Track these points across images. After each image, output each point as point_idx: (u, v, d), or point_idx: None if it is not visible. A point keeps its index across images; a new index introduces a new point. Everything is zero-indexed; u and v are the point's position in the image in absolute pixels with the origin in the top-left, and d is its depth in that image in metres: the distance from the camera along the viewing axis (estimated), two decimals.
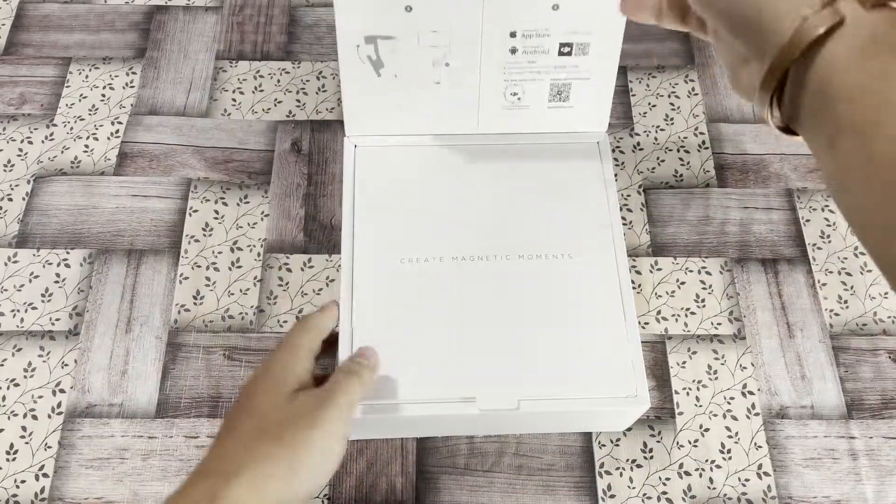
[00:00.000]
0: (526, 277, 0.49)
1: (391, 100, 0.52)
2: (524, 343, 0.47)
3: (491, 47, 0.49)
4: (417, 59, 0.50)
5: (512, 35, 0.49)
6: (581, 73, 0.52)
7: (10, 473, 0.51)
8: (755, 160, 0.65)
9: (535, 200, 0.52)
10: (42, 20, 0.71)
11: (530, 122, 0.53)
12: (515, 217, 0.51)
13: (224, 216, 0.61)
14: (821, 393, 0.55)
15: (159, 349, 0.55)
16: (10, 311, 0.56)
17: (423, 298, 0.48)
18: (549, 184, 0.53)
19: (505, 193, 0.52)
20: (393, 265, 0.49)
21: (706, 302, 0.58)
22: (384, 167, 0.53)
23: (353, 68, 0.50)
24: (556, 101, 0.53)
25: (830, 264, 0.60)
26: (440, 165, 0.53)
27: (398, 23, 0.48)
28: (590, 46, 0.50)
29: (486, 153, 0.54)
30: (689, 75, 0.69)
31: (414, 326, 0.47)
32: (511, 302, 0.48)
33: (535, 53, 0.50)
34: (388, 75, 0.50)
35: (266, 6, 0.72)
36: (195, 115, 0.66)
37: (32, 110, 0.66)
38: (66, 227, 0.60)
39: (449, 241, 0.50)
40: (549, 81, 0.52)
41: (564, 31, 0.49)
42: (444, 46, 0.49)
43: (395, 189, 0.52)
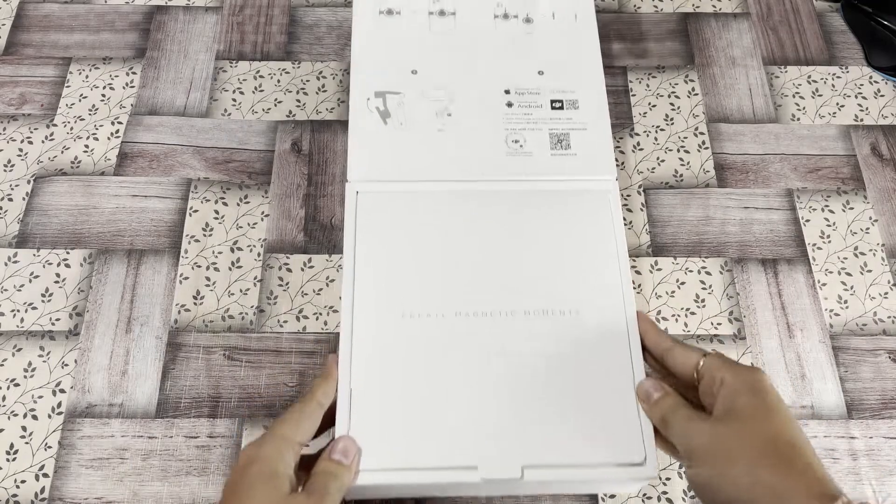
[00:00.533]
0: (531, 335, 0.47)
1: (395, 146, 0.53)
2: (529, 405, 0.45)
3: (489, 101, 0.54)
4: (422, 111, 0.54)
5: (506, 92, 0.54)
6: (576, 124, 0.54)
7: (11, 473, 0.51)
8: (755, 160, 0.65)
9: (542, 251, 0.50)
10: (42, 20, 0.71)
11: (535, 168, 0.53)
12: (521, 269, 0.50)
13: (224, 216, 0.61)
14: (821, 393, 0.55)
15: (159, 349, 0.55)
16: (11, 311, 0.56)
17: (425, 357, 0.47)
18: (556, 234, 0.51)
19: (510, 244, 0.51)
20: (394, 320, 0.48)
21: (706, 302, 0.58)
22: (386, 215, 0.51)
23: (362, 117, 0.53)
24: (558, 148, 0.53)
25: (830, 264, 0.60)
26: (444, 214, 0.52)
27: (405, 82, 0.55)
28: (579, 102, 0.54)
29: (491, 201, 0.52)
30: (689, 75, 0.69)
31: (414, 387, 0.46)
32: (515, 361, 0.47)
33: (530, 108, 0.54)
34: (394, 124, 0.53)
35: (266, 6, 0.72)
36: (195, 115, 0.66)
37: (32, 110, 0.66)
38: (66, 227, 0.60)
39: (452, 295, 0.49)
40: (547, 131, 0.54)
41: (552, 90, 0.55)
42: (445, 100, 0.54)
43: (396, 238, 0.51)
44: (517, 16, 0.57)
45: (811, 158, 0.65)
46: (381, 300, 0.48)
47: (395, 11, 0.57)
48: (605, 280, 0.49)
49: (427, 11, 0.57)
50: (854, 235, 0.61)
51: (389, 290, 0.49)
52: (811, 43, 0.71)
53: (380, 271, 0.49)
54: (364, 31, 0.56)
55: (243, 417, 0.53)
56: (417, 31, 0.56)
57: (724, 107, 0.67)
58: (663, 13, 0.73)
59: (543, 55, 0.56)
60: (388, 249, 0.50)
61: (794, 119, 0.67)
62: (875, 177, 0.64)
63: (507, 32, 0.57)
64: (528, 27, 0.57)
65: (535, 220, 0.52)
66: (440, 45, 0.56)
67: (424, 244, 0.51)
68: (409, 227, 0.51)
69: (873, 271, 0.60)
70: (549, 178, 0.53)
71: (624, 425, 0.44)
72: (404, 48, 0.56)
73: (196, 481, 0.51)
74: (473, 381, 0.46)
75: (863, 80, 0.69)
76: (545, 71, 0.55)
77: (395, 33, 0.56)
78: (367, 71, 0.55)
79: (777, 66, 0.70)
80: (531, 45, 0.56)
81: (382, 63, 0.55)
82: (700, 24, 0.72)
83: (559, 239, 0.51)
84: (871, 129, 0.66)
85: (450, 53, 0.56)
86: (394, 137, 0.53)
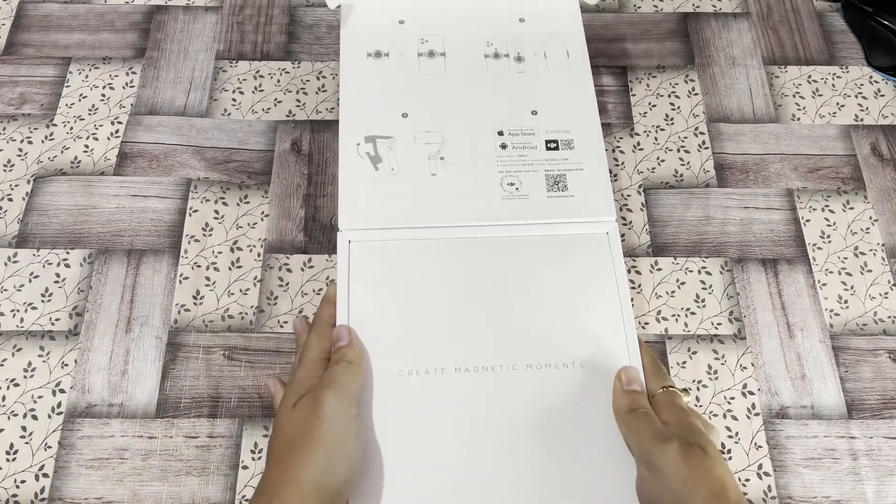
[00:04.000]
0: (533, 389, 0.46)
1: (388, 192, 0.51)
2: (532, 464, 0.44)
3: (482, 143, 0.53)
4: (413, 155, 0.52)
5: (500, 133, 0.53)
6: (572, 164, 0.53)
7: (10, 473, 0.51)
8: (755, 160, 0.65)
9: (542, 300, 0.49)
10: (42, 20, 0.71)
11: (532, 211, 0.51)
12: (521, 320, 0.48)
13: (224, 216, 0.61)
14: (821, 393, 0.55)
15: (159, 349, 0.55)
16: (10, 310, 0.56)
17: (424, 417, 0.45)
18: (556, 281, 0.49)
19: (510, 293, 0.49)
20: (391, 379, 0.46)
21: (706, 302, 0.58)
22: (380, 265, 0.49)
23: (352, 163, 0.52)
24: (555, 190, 0.52)
25: (830, 264, 0.60)
26: (439, 263, 0.50)
27: (395, 126, 0.53)
28: (574, 142, 0.53)
29: (487, 246, 0.51)
30: (689, 75, 0.69)
31: (416, 448, 0.45)
32: (517, 417, 0.45)
33: (525, 149, 0.53)
34: (386, 169, 0.52)
35: (266, 6, 0.72)
36: (195, 115, 0.66)
37: (32, 110, 0.66)
38: (66, 227, 0.60)
39: (451, 350, 0.47)
40: (543, 173, 0.52)
41: (546, 130, 0.53)
42: (438, 143, 0.53)
43: (391, 289, 0.49)
44: (508, 55, 0.56)
45: (811, 158, 0.65)
46: (379, 358, 0.46)
47: (383, 54, 0.56)
48: (607, 329, 0.48)
49: (416, 53, 0.56)
50: (854, 235, 0.61)
51: (386, 347, 0.47)
52: (811, 43, 0.71)
53: (375, 326, 0.47)
54: (352, 74, 0.55)
55: (243, 417, 0.53)
56: (407, 73, 0.55)
57: (725, 107, 0.67)
58: (663, 13, 0.73)
59: (536, 94, 0.55)
60: (384, 302, 0.48)
61: (795, 119, 0.67)
62: (875, 177, 0.64)
63: (499, 72, 0.55)
64: (519, 66, 0.56)
65: (534, 266, 0.50)
66: (431, 87, 0.55)
67: (421, 296, 0.49)
68: (405, 278, 0.49)
69: (873, 271, 0.60)
70: (546, 222, 0.51)
71: (628, 485, 0.43)
72: (394, 91, 0.54)
73: (196, 481, 0.51)
74: (474, 441, 0.45)
75: (863, 79, 0.69)
76: (538, 110, 0.54)
77: (384, 76, 0.55)
78: (357, 115, 0.53)
79: (777, 66, 0.70)
80: (523, 85, 0.55)
81: (372, 107, 0.54)
82: (700, 23, 0.72)
83: (560, 286, 0.49)
84: (872, 128, 0.66)
85: (441, 95, 0.54)
86: (386, 184, 0.51)
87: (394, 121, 0.53)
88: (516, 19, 0.58)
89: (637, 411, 0.43)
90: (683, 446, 0.40)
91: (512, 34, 0.57)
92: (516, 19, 0.58)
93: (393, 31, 0.57)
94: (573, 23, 0.58)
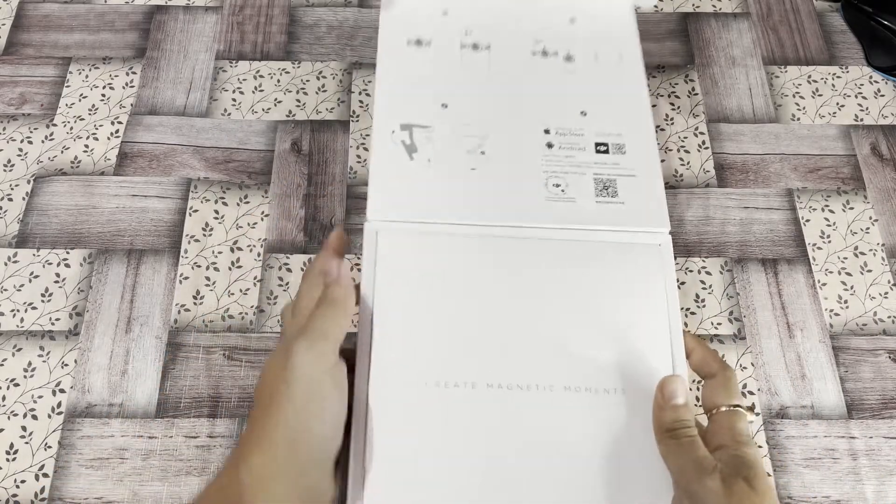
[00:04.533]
0: (571, 415, 0.42)
1: (422, 183, 0.48)
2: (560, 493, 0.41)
3: (527, 141, 0.50)
4: (452, 147, 0.49)
5: (546, 132, 0.50)
6: (623, 169, 0.49)
7: (10, 473, 0.51)
8: (755, 160, 0.65)
9: (585, 315, 0.45)
10: (42, 20, 0.71)
11: (578, 216, 0.47)
12: (561, 335, 0.44)
13: (224, 216, 0.61)
14: (821, 393, 0.55)
15: (159, 349, 0.55)
16: (10, 310, 0.56)
17: (452, 436, 0.41)
18: (601, 294, 0.45)
19: (550, 304, 0.45)
20: (417, 390, 0.42)
21: (706, 302, 0.58)
22: (409, 263, 0.45)
23: (385, 150, 0.49)
24: (604, 195, 0.48)
25: (830, 264, 0.60)
26: (476, 264, 0.46)
27: (434, 116, 0.50)
28: (626, 146, 0.49)
29: (529, 251, 0.46)
30: (690, 75, 0.69)
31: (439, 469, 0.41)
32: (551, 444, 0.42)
33: (573, 150, 0.49)
34: (422, 160, 0.49)
35: (266, 6, 0.72)
36: (195, 115, 0.66)
37: (32, 110, 0.66)
38: (66, 227, 0.60)
39: (484, 363, 0.43)
40: (591, 176, 0.48)
41: (596, 132, 0.50)
42: (479, 137, 0.49)
43: (421, 291, 0.44)
44: (557, 53, 0.53)
45: (811, 158, 0.65)
46: (403, 367, 0.43)
47: (424, 42, 0.53)
48: (654, 353, 0.44)
49: (459, 44, 0.53)
50: (854, 235, 0.61)
51: (412, 354, 0.43)
52: (811, 43, 0.71)
53: (401, 331, 0.43)
54: (390, 59, 0.52)
55: (243, 417, 0.53)
56: (449, 64, 0.52)
57: (724, 107, 0.67)
58: (663, 13, 0.73)
59: (586, 95, 0.51)
60: (412, 304, 0.44)
61: (794, 119, 0.67)
62: (875, 177, 0.64)
63: (546, 70, 0.52)
64: (568, 66, 0.52)
65: (578, 276, 0.46)
66: (473, 78, 0.52)
67: (453, 299, 0.45)
68: (436, 279, 0.45)
69: (873, 271, 0.60)
70: (594, 228, 0.47)
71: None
72: (434, 80, 0.51)
73: (196, 481, 0.51)
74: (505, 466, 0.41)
75: (863, 79, 0.69)
76: (588, 112, 0.50)
77: (424, 65, 0.52)
78: (393, 100, 0.50)
79: (777, 66, 0.70)
80: (572, 85, 0.52)
81: (410, 94, 0.51)
82: (700, 23, 0.72)
83: (605, 300, 0.45)
84: (871, 128, 0.66)
85: (484, 87, 0.51)
86: (421, 174, 0.48)
87: (433, 110, 0.50)
88: (567, 18, 0.55)
89: (678, 432, 0.40)
90: (727, 479, 0.37)
91: (562, 33, 0.54)
92: (567, 18, 0.55)
93: (436, 21, 0.54)
94: (627, 25, 0.55)
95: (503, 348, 0.44)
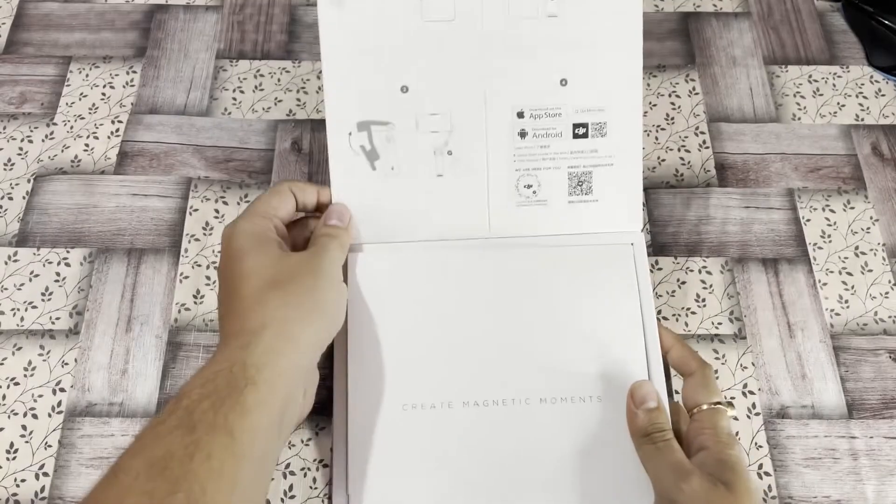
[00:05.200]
0: (548, 427, 0.42)
1: (388, 199, 0.45)
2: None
3: (498, 130, 0.45)
4: (416, 148, 0.45)
5: (519, 115, 0.45)
6: (601, 158, 0.46)
7: (10, 472, 0.51)
8: (756, 160, 0.65)
9: (558, 324, 0.44)
10: (42, 19, 0.70)
11: (549, 220, 0.46)
12: (535, 349, 0.44)
13: (224, 215, 0.61)
14: (821, 393, 0.55)
15: (159, 348, 0.55)
16: (11, 309, 0.56)
17: (430, 457, 0.41)
18: (573, 302, 0.45)
19: (523, 316, 0.44)
20: (394, 414, 0.42)
21: (707, 301, 0.58)
22: (380, 285, 0.45)
23: (345, 160, 0.45)
24: (578, 193, 0.46)
25: (831, 264, 0.60)
26: (446, 282, 0.45)
27: (394, 105, 0.44)
28: (607, 126, 0.45)
29: (499, 264, 0.45)
30: (690, 75, 0.69)
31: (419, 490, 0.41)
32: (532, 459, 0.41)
33: (548, 137, 0.45)
34: (385, 167, 0.45)
35: (266, 5, 0.72)
36: (195, 114, 0.66)
37: (32, 109, 0.66)
38: (66, 226, 0.60)
39: (459, 382, 0.43)
40: (566, 169, 0.45)
41: (576, 108, 0.45)
42: (445, 131, 0.45)
43: (393, 313, 0.44)
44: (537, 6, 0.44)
45: (812, 158, 0.65)
46: (379, 390, 0.42)
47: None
48: (629, 357, 0.44)
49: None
50: (855, 235, 0.61)
51: (387, 378, 0.43)
52: (812, 42, 0.71)
53: (376, 355, 0.43)
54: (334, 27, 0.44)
55: None
56: (406, 20, 0.43)
57: (725, 106, 0.67)
58: (664, 12, 0.73)
59: (569, 52, 0.44)
60: (384, 328, 0.43)
61: (795, 118, 0.67)
62: (876, 176, 0.64)
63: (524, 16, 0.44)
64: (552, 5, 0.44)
65: (551, 283, 0.45)
66: (436, 44, 0.44)
67: (425, 320, 0.44)
68: (407, 300, 0.44)
69: (874, 271, 0.60)
70: (565, 233, 0.46)
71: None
72: (390, 53, 0.44)
73: None
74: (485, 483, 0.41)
75: (864, 79, 0.69)
76: (569, 78, 0.44)
77: (376, 26, 0.43)
78: (346, 93, 0.44)
79: (778, 66, 0.70)
80: (555, 38, 0.44)
81: (363, 78, 0.44)
82: (701, 23, 0.72)
83: (577, 308, 0.44)
84: (872, 128, 0.66)
85: (449, 59, 0.44)
86: (384, 188, 0.45)
87: (391, 98, 0.44)
88: None
89: (654, 436, 0.40)
90: (704, 484, 0.36)
91: None
92: None
93: None
94: None
95: (478, 365, 0.43)
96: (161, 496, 0.30)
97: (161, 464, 0.31)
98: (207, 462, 0.31)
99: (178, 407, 0.33)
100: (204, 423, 0.32)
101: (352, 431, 0.42)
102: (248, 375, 0.34)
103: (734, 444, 0.40)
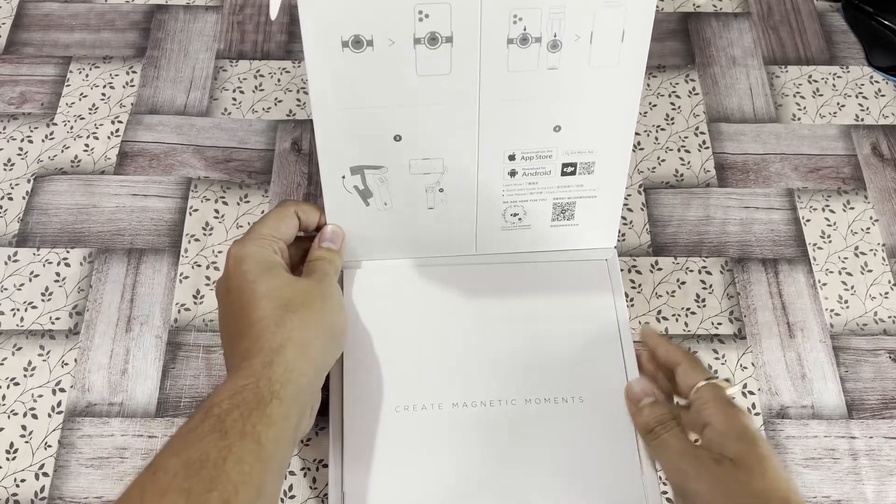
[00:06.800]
0: (534, 426, 0.44)
1: (382, 228, 0.47)
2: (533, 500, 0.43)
3: (489, 172, 0.45)
4: (409, 187, 0.46)
5: (511, 158, 0.45)
6: (586, 191, 0.47)
7: (10, 472, 0.51)
8: (756, 160, 0.65)
9: (541, 334, 0.47)
10: (42, 19, 0.70)
11: (532, 241, 0.49)
12: (520, 353, 0.46)
13: (224, 215, 0.61)
14: (821, 393, 0.55)
15: (159, 348, 0.55)
16: (10, 310, 0.56)
17: (422, 455, 0.43)
18: (553, 312, 0.48)
19: (507, 326, 0.47)
20: (387, 415, 0.44)
21: (706, 302, 0.58)
22: (373, 298, 0.47)
23: (338, 198, 0.46)
24: (560, 219, 0.48)
25: (831, 264, 0.60)
26: (435, 295, 0.48)
27: (387, 152, 0.44)
28: (594, 165, 0.46)
29: (485, 278, 0.48)
30: (690, 75, 0.69)
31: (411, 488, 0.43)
32: (518, 455, 0.43)
33: (537, 175, 0.46)
34: (378, 203, 0.46)
35: (266, 5, 0.72)
36: (195, 114, 0.66)
37: (33, 109, 0.66)
38: (66, 227, 0.60)
39: (448, 385, 0.45)
40: (551, 201, 0.47)
41: (567, 150, 0.45)
42: (437, 173, 0.45)
43: (386, 323, 0.47)
44: (539, 39, 0.40)
45: (812, 158, 0.65)
46: (373, 394, 0.45)
47: (364, 41, 0.39)
48: (607, 359, 0.46)
49: (412, 38, 0.39)
50: (855, 235, 0.61)
51: (381, 381, 0.45)
52: (812, 43, 0.71)
53: (369, 362, 0.46)
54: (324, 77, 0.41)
55: None
56: (399, 74, 0.41)
57: (725, 106, 0.67)
58: (664, 13, 0.73)
59: (565, 102, 0.43)
60: (377, 336, 0.46)
61: (795, 119, 0.67)
62: (876, 176, 0.64)
63: (523, 69, 0.41)
64: (552, 57, 0.41)
65: (532, 297, 0.48)
66: (431, 98, 0.42)
67: (416, 329, 0.47)
68: (400, 311, 0.47)
69: (874, 271, 0.60)
70: (545, 249, 0.49)
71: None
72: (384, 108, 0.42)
73: None
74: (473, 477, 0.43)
75: (863, 79, 0.69)
76: (563, 125, 0.44)
77: (368, 80, 0.41)
78: (338, 142, 0.43)
79: (778, 66, 0.70)
80: (552, 88, 0.42)
81: (356, 128, 0.43)
82: (701, 23, 0.72)
83: (557, 318, 0.47)
84: (872, 128, 0.66)
85: (444, 110, 0.42)
86: (379, 219, 0.47)
87: (385, 145, 0.44)
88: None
89: (657, 430, 0.41)
90: (710, 465, 0.37)
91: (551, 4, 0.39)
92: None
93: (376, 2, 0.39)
94: None
95: (466, 368, 0.46)
96: (198, 494, 0.32)
97: (197, 464, 0.33)
98: (239, 465, 0.34)
99: (209, 415, 0.36)
100: (235, 430, 0.35)
101: (347, 432, 0.44)
102: (274, 390, 0.37)
103: (737, 411, 0.41)
